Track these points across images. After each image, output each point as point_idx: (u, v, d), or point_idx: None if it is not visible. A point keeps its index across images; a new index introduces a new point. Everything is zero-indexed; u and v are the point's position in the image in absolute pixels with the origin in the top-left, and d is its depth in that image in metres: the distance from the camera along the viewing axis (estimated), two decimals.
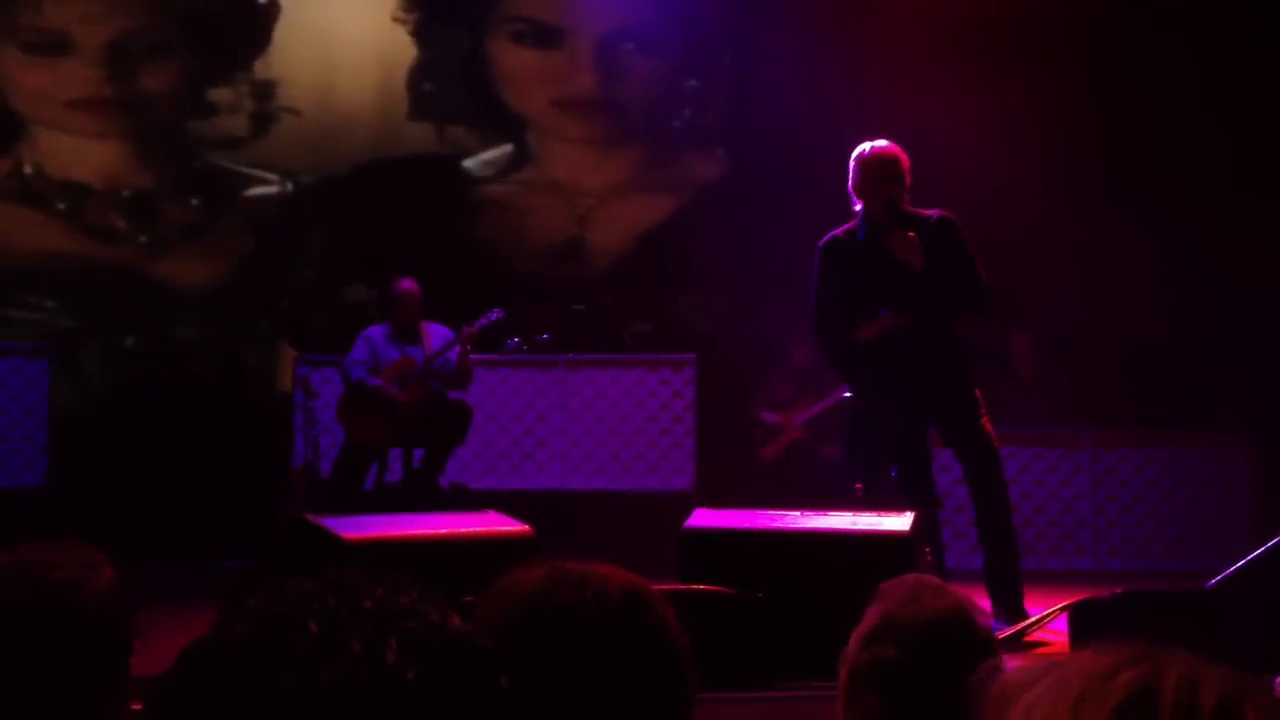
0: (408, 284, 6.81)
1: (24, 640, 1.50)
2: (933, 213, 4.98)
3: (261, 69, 8.67)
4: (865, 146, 4.95)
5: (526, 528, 4.54)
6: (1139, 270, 7.70)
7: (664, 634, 1.29)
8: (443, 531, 4.52)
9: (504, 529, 4.56)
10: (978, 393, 4.92)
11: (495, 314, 6.82)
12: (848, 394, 5.37)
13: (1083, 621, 4.11)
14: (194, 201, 8.76)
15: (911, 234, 4.81)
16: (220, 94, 8.68)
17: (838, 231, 5.02)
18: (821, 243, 5.02)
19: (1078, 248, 7.83)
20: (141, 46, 8.51)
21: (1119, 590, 4.10)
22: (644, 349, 8.14)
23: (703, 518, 4.39)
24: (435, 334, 6.75)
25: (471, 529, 4.55)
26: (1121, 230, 7.80)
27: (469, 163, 8.85)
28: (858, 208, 4.96)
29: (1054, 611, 4.38)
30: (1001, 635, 4.04)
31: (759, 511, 4.46)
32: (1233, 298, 7.52)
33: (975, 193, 6.90)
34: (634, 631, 1.27)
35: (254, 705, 0.76)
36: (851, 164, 4.94)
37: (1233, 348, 7.40)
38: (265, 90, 8.67)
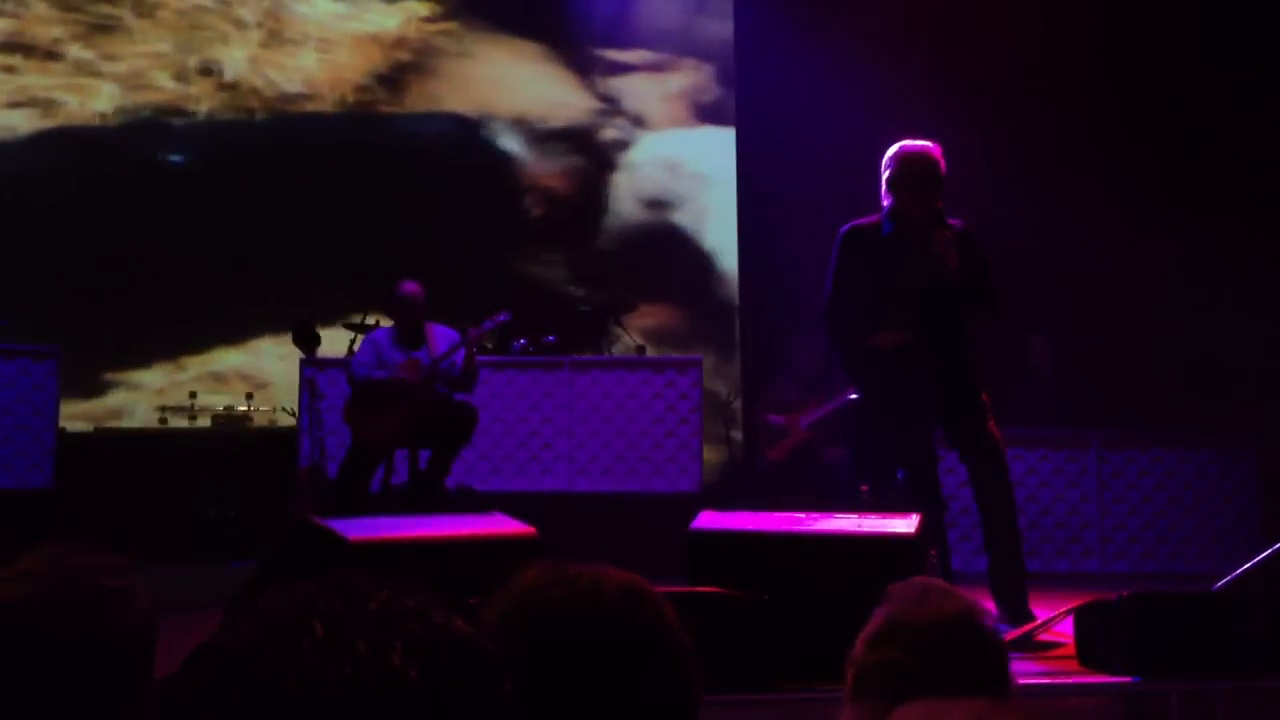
0: (411, 286, 6.81)
1: (73, 642, 1.52)
2: (955, 222, 4.96)
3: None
4: (908, 144, 4.89)
5: (532, 530, 4.53)
6: (1147, 273, 7.69)
7: (663, 630, 1.28)
8: (448, 533, 4.51)
9: (510, 531, 4.56)
10: (984, 396, 4.91)
11: (502, 316, 6.82)
12: (853, 396, 5.36)
13: (1089, 624, 4.11)
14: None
15: (949, 233, 4.81)
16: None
17: (861, 221, 4.97)
18: (844, 230, 4.95)
19: (1087, 251, 7.83)
20: None
21: (1125, 593, 4.09)
22: (649, 350, 8.15)
23: (709, 520, 4.39)
24: (440, 335, 6.74)
25: (477, 531, 4.54)
26: (1131, 233, 7.79)
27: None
28: (886, 203, 4.92)
29: (1060, 614, 4.37)
30: (1008, 638, 4.04)
31: (765, 514, 4.45)
32: (1241, 300, 7.51)
33: (991, 196, 6.90)
34: (630, 627, 1.27)
35: (259, 708, 0.76)
36: (891, 159, 4.89)
37: (1240, 349, 7.39)
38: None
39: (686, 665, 1.28)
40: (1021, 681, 2.30)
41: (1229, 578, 4.63)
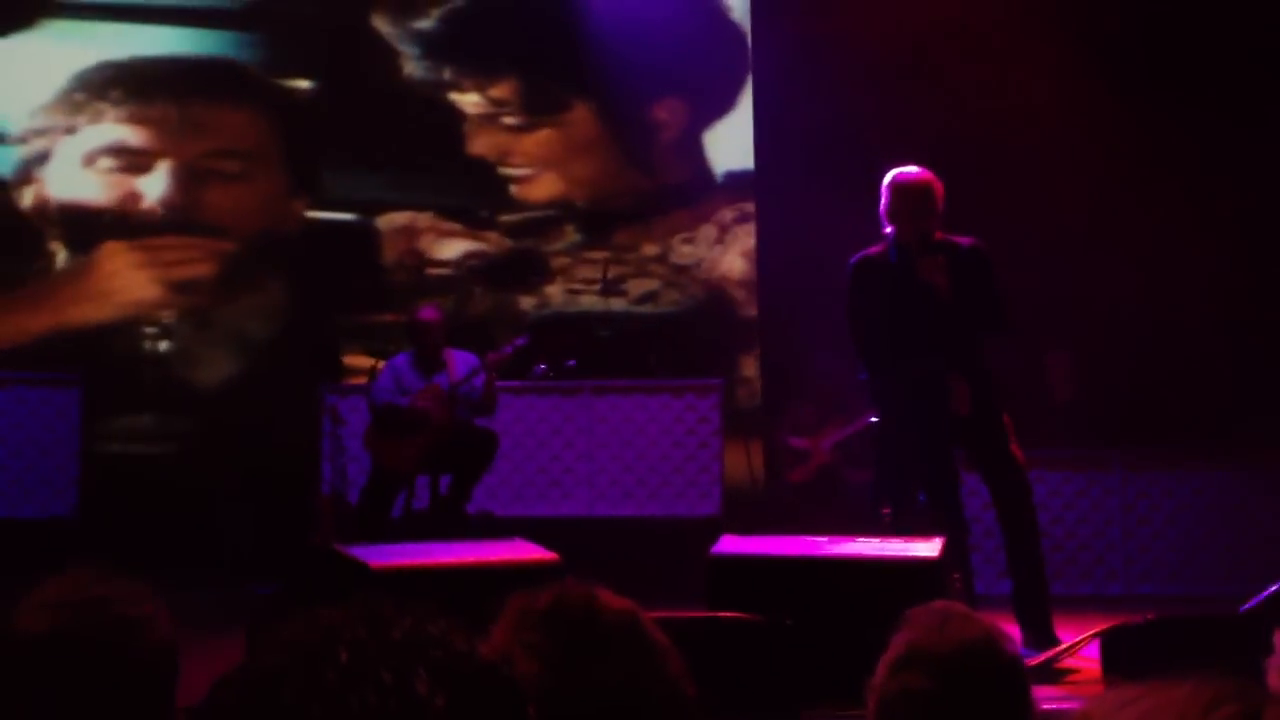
0: (428, 313, 6.85)
1: (95, 671, 1.52)
2: (964, 240, 4.98)
3: None
4: (898, 173, 4.95)
5: (554, 555, 4.54)
6: (1169, 291, 7.66)
7: (655, 650, 1.29)
8: (470, 559, 4.52)
9: (532, 557, 4.56)
10: (1006, 417, 4.90)
11: (520, 340, 6.85)
12: (874, 419, 5.36)
13: (1114, 648, 4.08)
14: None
15: (940, 258, 4.83)
16: None
17: (870, 251, 5.03)
18: (853, 260, 5.04)
19: (1109, 269, 7.80)
20: None
21: (1150, 616, 4.06)
22: (669, 374, 8.14)
23: (730, 544, 4.39)
24: (460, 360, 6.77)
25: (499, 557, 4.55)
26: (1153, 250, 7.76)
27: None
28: (888, 231, 4.96)
29: (1085, 638, 4.34)
30: (1031, 663, 4.01)
31: (787, 537, 4.45)
32: (1266, 318, 7.47)
33: (1009, 208, 6.89)
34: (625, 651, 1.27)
35: None
36: (884, 190, 4.94)
37: (1264, 368, 7.35)
38: None
39: (677, 691, 1.28)
40: (1045, 707, 2.28)
41: (1256, 599, 4.59)
